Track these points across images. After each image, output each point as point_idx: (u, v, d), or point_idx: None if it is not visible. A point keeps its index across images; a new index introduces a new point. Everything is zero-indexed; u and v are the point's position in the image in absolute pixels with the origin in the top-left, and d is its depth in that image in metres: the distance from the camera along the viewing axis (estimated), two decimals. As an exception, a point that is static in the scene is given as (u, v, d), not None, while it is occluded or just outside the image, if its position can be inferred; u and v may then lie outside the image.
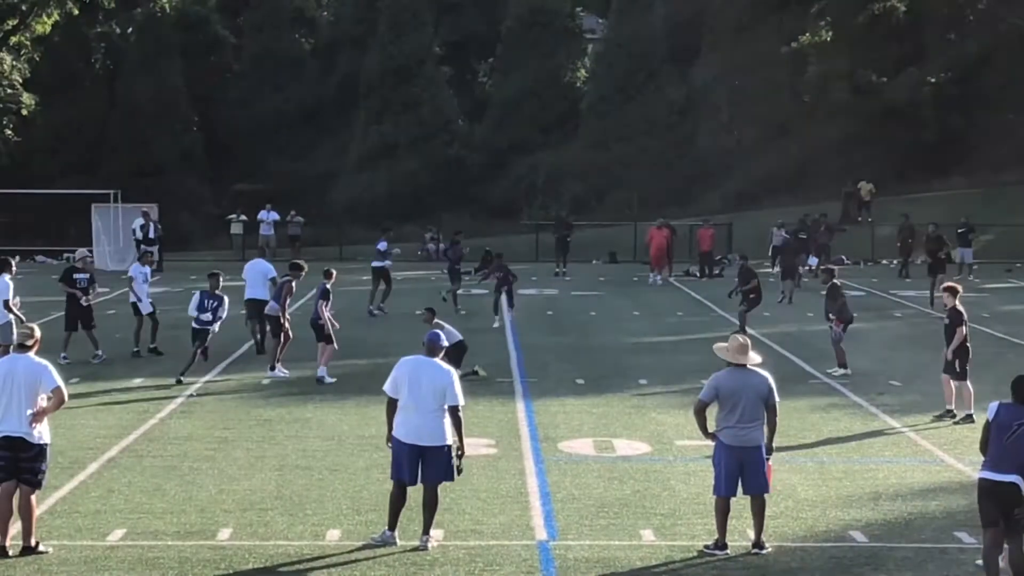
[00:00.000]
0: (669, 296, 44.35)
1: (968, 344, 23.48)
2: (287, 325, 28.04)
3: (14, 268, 27.68)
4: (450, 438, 15.56)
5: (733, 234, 57.81)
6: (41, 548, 15.24)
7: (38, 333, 15.76)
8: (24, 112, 71.77)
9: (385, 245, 40.81)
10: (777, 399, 15.65)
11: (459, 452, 15.69)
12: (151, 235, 52.49)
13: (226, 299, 28.07)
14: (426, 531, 15.59)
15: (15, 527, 15.29)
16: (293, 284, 28.56)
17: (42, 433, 15.28)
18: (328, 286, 27.91)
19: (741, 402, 15.42)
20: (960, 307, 23.53)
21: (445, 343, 16.20)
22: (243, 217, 60.51)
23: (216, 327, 27.82)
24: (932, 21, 73.11)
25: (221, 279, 28.45)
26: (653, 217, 54.94)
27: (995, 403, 14.22)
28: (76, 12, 70.68)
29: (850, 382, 27.19)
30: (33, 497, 15.29)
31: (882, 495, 18.26)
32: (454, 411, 15.53)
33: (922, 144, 69.65)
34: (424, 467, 15.48)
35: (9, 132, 71.93)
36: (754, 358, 15.79)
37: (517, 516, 17.01)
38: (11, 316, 26.37)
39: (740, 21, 73.52)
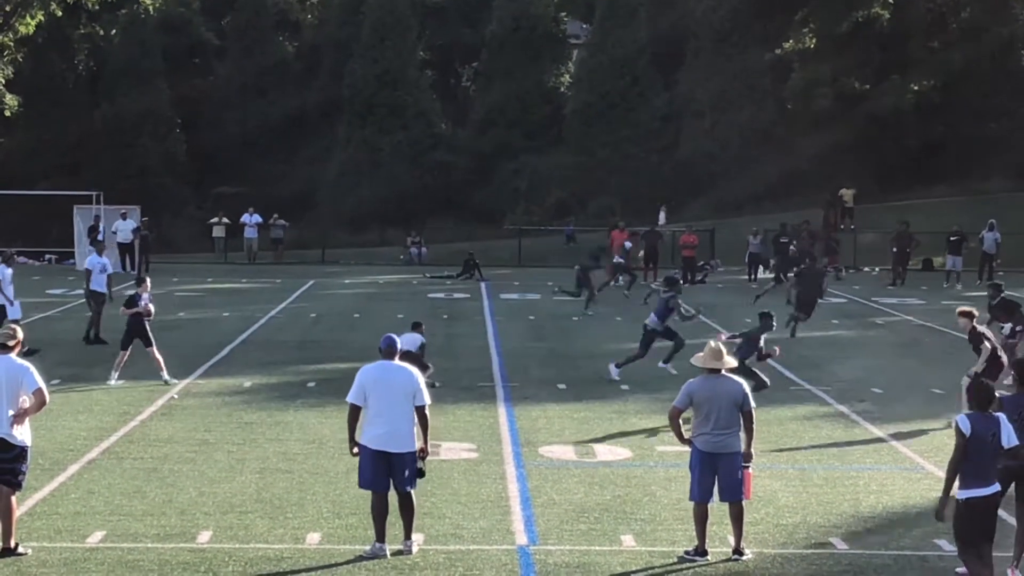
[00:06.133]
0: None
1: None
2: None
3: None
4: (416, 443, 15.59)
5: (715, 240, 57.92)
6: (20, 550, 15.19)
7: (20, 334, 15.71)
8: (7, 113, 71.66)
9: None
10: (753, 405, 15.65)
11: (422, 454, 15.70)
12: (100, 237, 52.48)
13: None
14: (408, 535, 15.56)
15: (-6, 528, 15.27)
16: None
17: (23, 434, 15.24)
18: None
19: (715, 409, 15.41)
20: (980, 328, 23.18)
21: (400, 345, 16.09)
22: (225, 220, 60.53)
23: None
24: (916, 29, 73.26)
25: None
26: (637, 223, 55.07)
27: (962, 416, 13.84)
28: (59, 13, 70.56)
29: (832, 389, 27.22)
30: (13, 498, 15.24)
31: (863, 502, 18.27)
32: (422, 411, 15.53)
33: (905, 152, 69.87)
34: (394, 474, 15.44)
35: (-9, 133, 71.92)
36: (729, 362, 15.80)
37: (498, 521, 16.99)
38: None
39: (723, 28, 73.61)
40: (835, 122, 70.18)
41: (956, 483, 13.74)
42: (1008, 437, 13.81)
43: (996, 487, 13.80)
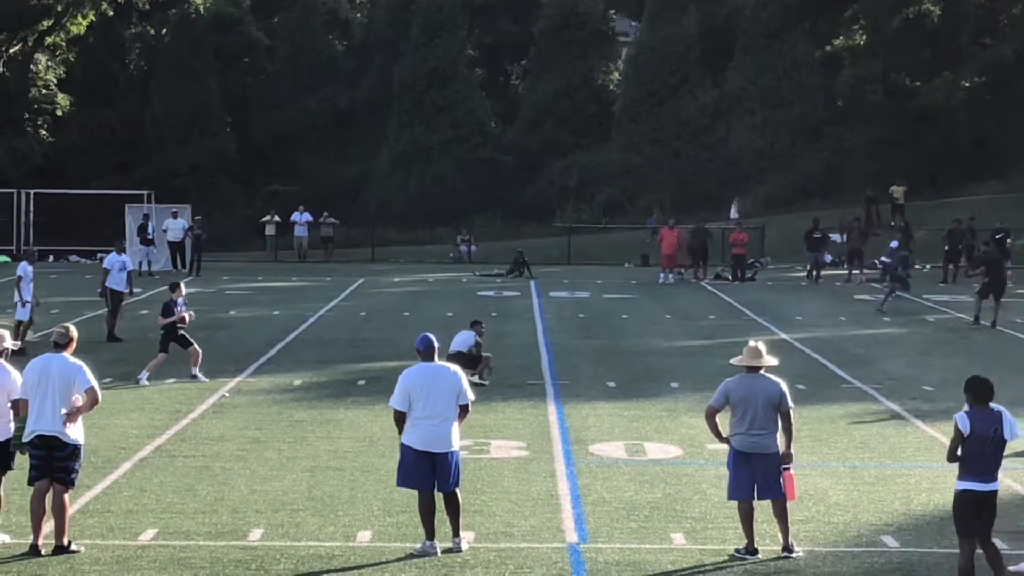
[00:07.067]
0: (701, 299, 44.26)
1: None
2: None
3: None
4: (457, 443, 15.65)
5: (765, 237, 57.77)
6: (73, 547, 15.29)
7: (74, 333, 15.80)
8: (59, 112, 72.29)
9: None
10: (791, 405, 15.58)
11: None
12: (150, 235, 52.69)
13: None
14: (456, 533, 15.59)
15: (48, 526, 15.35)
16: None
17: (76, 432, 15.35)
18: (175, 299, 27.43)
19: (751, 408, 15.36)
20: None
21: (436, 343, 16.10)
22: (276, 218, 60.70)
23: None
24: (966, 25, 72.88)
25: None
26: (686, 220, 55.01)
27: (961, 414, 13.93)
28: (111, 13, 70.96)
29: (883, 387, 27.11)
30: (66, 496, 15.33)
31: (914, 500, 18.19)
32: (465, 408, 15.64)
33: (955, 148, 69.45)
34: (438, 474, 15.49)
35: (44, 132, 72.38)
36: (769, 360, 15.72)
37: (548, 519, 17.00)
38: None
39: (773, 25, 73.43)
40: (885, 118, 69.94)
41: (957, 473, 13.98)
42: (1011, 430, 13.84)
43: (995, 485, 13.82)
